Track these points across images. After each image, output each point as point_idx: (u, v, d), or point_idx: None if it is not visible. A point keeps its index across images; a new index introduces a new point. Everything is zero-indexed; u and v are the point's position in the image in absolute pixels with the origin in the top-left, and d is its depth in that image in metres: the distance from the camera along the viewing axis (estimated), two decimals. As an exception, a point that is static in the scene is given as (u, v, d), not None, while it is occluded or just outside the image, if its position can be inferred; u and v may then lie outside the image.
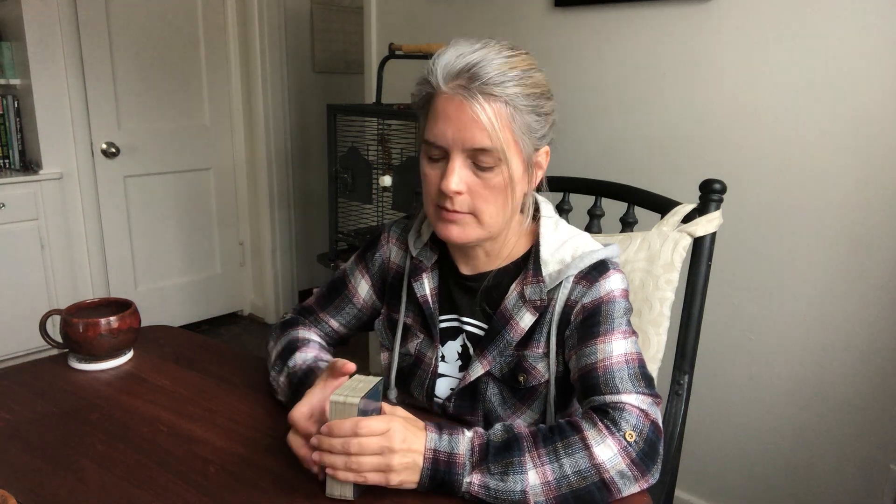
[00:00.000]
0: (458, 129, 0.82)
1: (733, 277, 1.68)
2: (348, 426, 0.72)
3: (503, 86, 0.81)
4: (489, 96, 0.81)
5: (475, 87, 0.80)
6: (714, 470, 1.81)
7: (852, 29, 1.43)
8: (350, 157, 2.05)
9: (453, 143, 0.83)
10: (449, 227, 0.88)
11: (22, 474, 0.79)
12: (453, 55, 0.82)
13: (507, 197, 0.87)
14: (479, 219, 0.87)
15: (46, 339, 1.12)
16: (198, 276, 3.30)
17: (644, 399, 0.80)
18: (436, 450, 0.74)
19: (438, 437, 0.75)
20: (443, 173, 0.85)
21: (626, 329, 0.86)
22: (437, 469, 0.73)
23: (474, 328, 0.96)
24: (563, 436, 0.76)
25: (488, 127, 0.81)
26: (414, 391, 1.00)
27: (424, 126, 0.87)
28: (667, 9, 1.68)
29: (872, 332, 1.51)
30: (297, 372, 0.92)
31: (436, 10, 2.20)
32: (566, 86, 1.88)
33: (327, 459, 0.73)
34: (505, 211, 0.88)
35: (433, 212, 0.89)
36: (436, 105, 0.84)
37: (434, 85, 0.83)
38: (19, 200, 2.55)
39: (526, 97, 0.83)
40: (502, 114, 0.82)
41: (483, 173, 0.84)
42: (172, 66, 3.01)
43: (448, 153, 0.84)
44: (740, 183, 1.61)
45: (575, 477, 0.73)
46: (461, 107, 0.81)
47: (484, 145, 0.82)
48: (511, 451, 0.74)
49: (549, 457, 0.74)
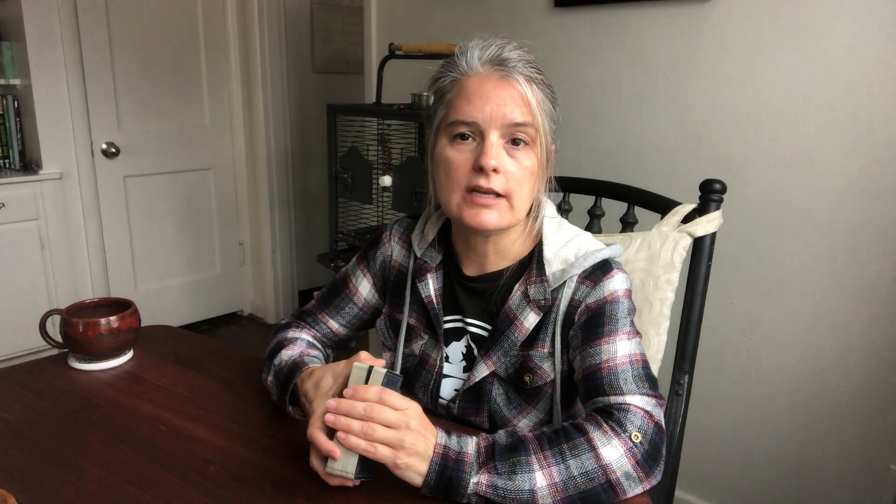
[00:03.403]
0: (496, 105, 0.83)
1: (733, 277, 1.68)
2: (373, 392, 0.74)
3: (531, 71, 0.86)
4: (525, 76, 0.85)
5: (512, 66, 0.84)
6: (714, 470, 1.80)
7: (852, 29, 1.43)
8: (350, 157, 2.05)
9: (491, 119, 0.83)
10: (480, 213, 0.85)
11: (22, 474, 0.79)
12: (483, 44, 0.86)
13: (535, 182, 0.88)
14: (511, 202, 0.86)
15: (46, 339, 1.12)
16: (198, 276, 3.30)
17: (648, 401, 0.80)
18: (446, 446, 0.74)
19: (448, 436, 0.76)
20: (475, 155, 0.84)
21: (629, 329, 0.86)
22: (446, 465, 0.73)
23: (478, 329, 0.96)
24: (568, 438, 0.76)
25: (531, 100, 0.84)
26: (418, 392, 0.99)
27: (447, 112, 0.87)
28: (667, 9, 1.67)
29: (872, 331, 1.51)
30: (282, 368, 0.93)
31: (436, 10, 2.20)
32: (566, 86, 1.88)
33: (343, 421, 0.73)
34: (531, 197, 0.89)
35: (460, 199, 0.86)
36: (467, 86, 0.85)
37: (464, 69, 0.86)
38: (19, 200, 2.55)
39: (548, 87, 0.88)
40: (537, 94, 0.86)
41: (518, 153, 0.85)
42: (172, 66, 3.01)
43: (482, 132, 0.84)
44: (740, 183, 1.61)
45: (582, 478, 0.73)
46: (500, 84, 0.84)
47: (525, 119, 0.84)
48: (517, 452, 0.74)
49: (555, 458, 0.74)
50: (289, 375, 0.90)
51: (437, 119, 0.89)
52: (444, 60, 0.90)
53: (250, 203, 3.42)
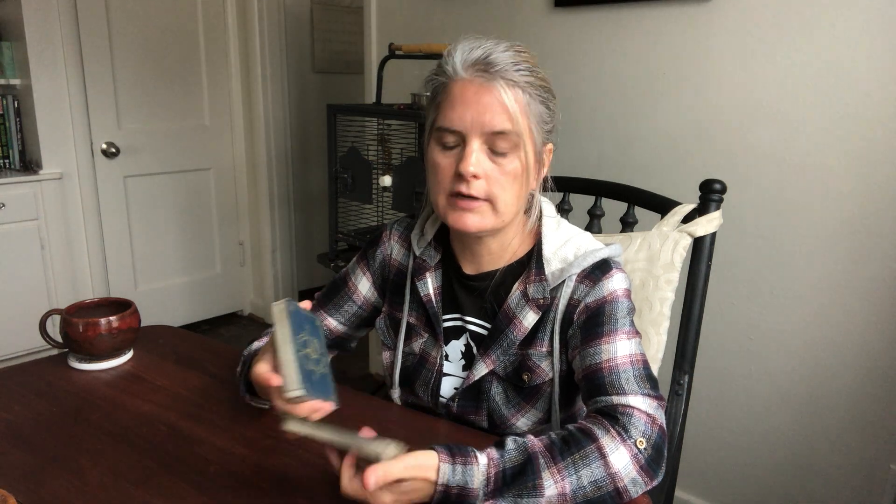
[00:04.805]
0: (477, 112, 0.82)
1: (733, 277, 1.68)
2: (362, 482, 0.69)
3: (519, 73, 0.83)
4: (508, 81, 0.83)
5: (495, 71, 0.82)
6: (714, 470, 1.80)
7: (852, 28, 1.43)
8: (350, 157, 2.05)
9: (472, 126, 0.83)
10: (464, 216, 0.86)
11: (22, 474, 0.79)
12: (468, 46, 0.84)
13: (521, 184, 0.87)
14: (495, 206, 0.86)
15: (46, 339, 1.12)
16: (198, 276, 3.30)
17: (651, 403, 0.80)
18: (447, 485, 0.71)
19: (452, 468, 0.71)
20: (457, 160, 0.85)
21: (629, 329, 0.86)
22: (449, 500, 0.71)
23: (478, 327, 0.96)
24: (578, 446, 0.74)
25: (511, 108, 0.82)
26: (419, 390, 0.99)
27: (436, 116, 0.87)
28: (667, 9, 1.68)
29: (872, 331, 1.51)
30: (246, 359, 0.94)
31: (436, 10, 2.20)
32: (566, 86, 1.88)
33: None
34: (518, 201, 0.88)
35: (445, 202, 0.88)
36: (452, 91, 0.84)
37: (450, 73, 0.85)
38: (19, 200, 2.55)
39: (537, 88, 0.85)
40: (520, 99, 0.83)
41: (499, 159, 0.84)
42: (172, 66, 3.01)
43: (464, 138, 0.84)
44: (740, 183, 1.61)
45: (591, 487, 0.72)
46: (481, 90, 0.82)
47: (504, 128, 0.83)
48: (526, 475, 0.72)
49: (567, 470, 0.73)
50: (247, 362, 0.92)
51: (429, 121, 0.89)
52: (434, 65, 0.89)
53: (250, 203, 3.42)
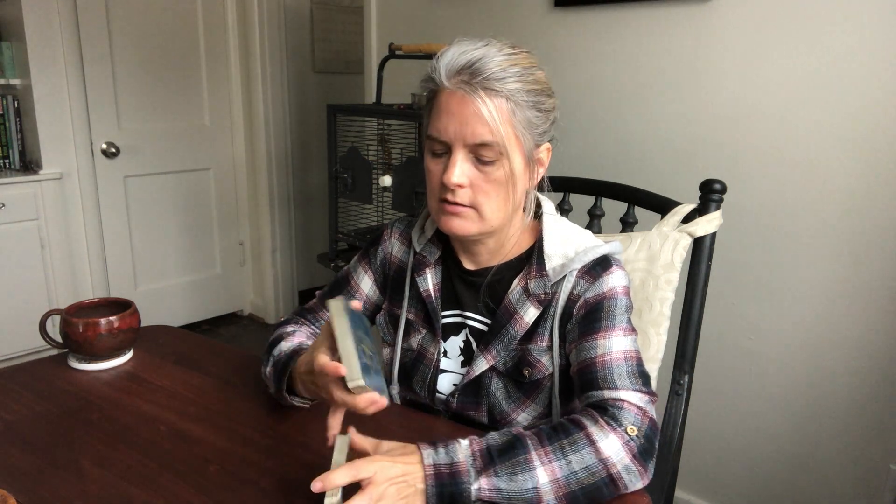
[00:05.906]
0: (460, 124, 0.83)
1: (733, 277, 1.68)
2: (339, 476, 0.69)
3: (504, 81, 0.82)
4: (491, 91, 0.82)
5: (477, 82, 0.82)
6: (714, 470, 1.80)
7: (852, 28, 1.43)
8: (350, 157, 2.05)
9: (455, 137, 0.84)
10: (451, 220, 0.89)
11: (22, 474, 0.79)
12: (456, 52, 0.84)
13: (508, 191, 0.88)
14: (480, 213, 0.88)
15: (46, 339, 1.12)
16: (198, 276, 3.30)
17: (642, 397, 0.80)
18: (435, 464, 0.72)
19: (434, 451, 0.73)
20: (445, 167, 0.86)
21: (626, 326, 0.87)
22: (443, 483, 0.71)
23: (477, 323, 0.97)
24: (567, 433, 0.76)
25: (490, 121, 0.82)
26: (416, 387, 1.00)
27: (428, 123, 0.88)
28: (667, 9, 1.67)
29: (872, 331, 1.51)
30: (281, 357, 0.93)
31: (436, 10, 2.20)
32: (566, 85, 1.88)
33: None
34: (506, 206, 0.89)
35: (436, 206, 0.90)
36: (439, 101, 0.86)
37: (437, 81, 0.85)
38: (19, 200, 2.55)
39: (527, 93, 0.85)
40: (503, 109, 0.83)
41: (484, 167, 0.85)
42: (172, 66, 3.01)
43: (450, 148, 0.85)
44: (740, 183, 1.61)
45: (583, 473, 0.73)
46: (463, 102, 0.83)
47: (485, 140, 0.83)
48: (515, 451, 0.74)
49: (555, 454, 0.74)
50: (287, 362, 0.91)
51: (425, 125, 0.91)
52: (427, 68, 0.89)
53: (250, 203, 3.42)
